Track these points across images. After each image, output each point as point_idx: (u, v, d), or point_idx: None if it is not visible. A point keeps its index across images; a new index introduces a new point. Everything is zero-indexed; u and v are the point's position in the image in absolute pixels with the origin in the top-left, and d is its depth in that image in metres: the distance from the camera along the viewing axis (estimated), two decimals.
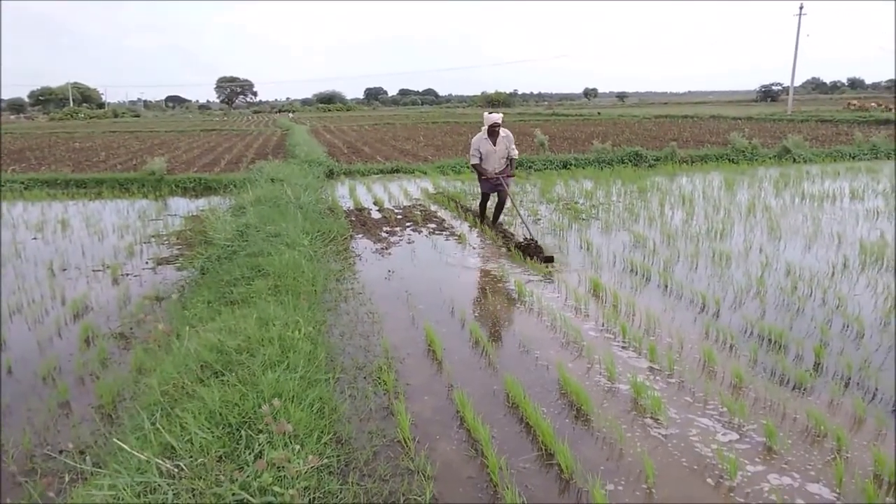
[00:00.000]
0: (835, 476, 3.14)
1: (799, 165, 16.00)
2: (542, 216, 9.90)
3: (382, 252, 7.93)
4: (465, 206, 10.83)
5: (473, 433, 3.59)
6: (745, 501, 3.02)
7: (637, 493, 3.11)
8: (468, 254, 7.81)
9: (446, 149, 21.58)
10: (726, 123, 34.31)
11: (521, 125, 36.33)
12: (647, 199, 11.05)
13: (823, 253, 7.32)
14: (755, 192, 11.66)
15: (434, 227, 9.30)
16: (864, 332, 5.00)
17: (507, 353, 4.81)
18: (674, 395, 4.10)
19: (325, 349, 4.64)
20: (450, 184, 13.67)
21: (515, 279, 6.49)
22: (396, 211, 10.70)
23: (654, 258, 7.28)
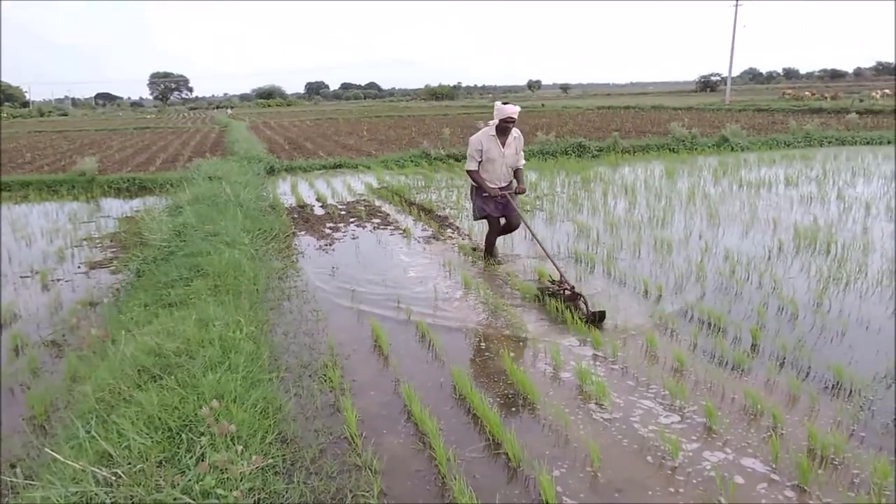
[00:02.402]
0: (771, 452, 3.23)
1: (737, 153, 16.49)
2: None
3: (326, 248, 7.82)
4: (410, 200, 10.79)
5: (421, 426, 3.57)
6: (686, 480, 3.09)
7: (582, 477, 3.14)
8: (413, 248, 7.78)
9: (390, 143, 21.47)
10: (667, 113, 35.15)
11: (465, 118, 36.47)
12: (591, 190, 11.22)
13: (760, 238, 7.55)
14: (695, 180, 11.96)
15: (379, 222, 9.23)
16: (798, 314, 5.18)
17: (454, 346, 4.80)
18: (617, 380, 4.17)
19: (269, 348, 4.55)
20: (394, 178, 13.59)
21: (462, 273, 6.49)
22: (340, 207, 10.58)
23: (597, 247, 7.39)
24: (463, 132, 24.47)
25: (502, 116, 6.35)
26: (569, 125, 26.58)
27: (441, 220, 9.17)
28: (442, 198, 11.03)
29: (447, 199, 10.92)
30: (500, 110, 6.38)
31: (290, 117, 49.57)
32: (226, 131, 31.74)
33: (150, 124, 44.17)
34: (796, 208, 9.15)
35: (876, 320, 5.01)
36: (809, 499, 2.93)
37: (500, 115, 6.36)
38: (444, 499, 3.01)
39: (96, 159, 15.67)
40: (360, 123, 35.91)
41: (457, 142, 19.96)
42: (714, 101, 47.86)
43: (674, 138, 18.18)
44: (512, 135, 6.57)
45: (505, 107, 6.35)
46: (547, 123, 27.55)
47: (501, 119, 6.37)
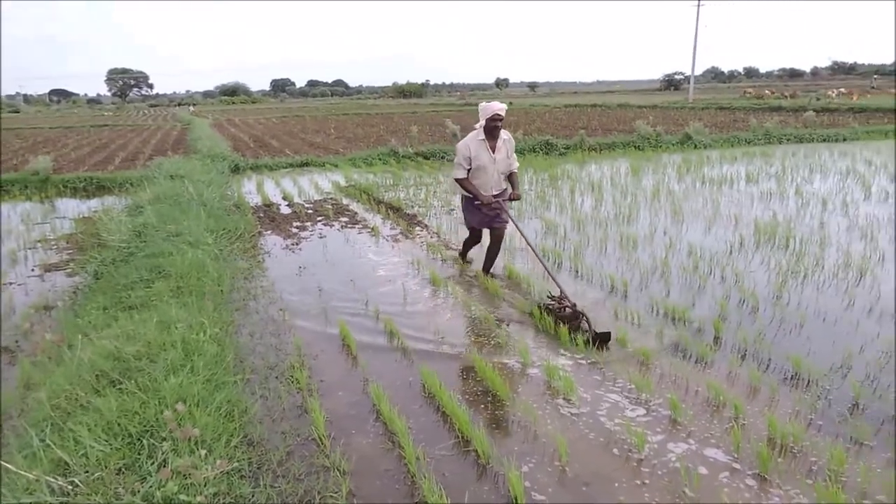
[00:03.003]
0: (733, 442, 3.29)
1: (700, 151, 16.76)
2: (456, 206, 9.93)
3: (293, 248, 7.75)
4: (378, 198, 10.75)
5: (390, 426, 3.56)
6: (652, 471, 3.13)
7: (550, 472, 3.16)
8: (382, 246, 7.74)
9: (358, 141, 21.35)
10: (632, 112, 35.58)
11: (434, 115, 36.46)
12: (558, 187, 11.30)
13: (722, 233, 7.68)
14: (660, 177, 12.12)
15: (346, 221, 9.17)
16: (758, 307, 5.28)
17: (423, 344, 4.79)
18: (584, 375, 4.21)
19: (234, 350, 4.49)
20: (362, 176, 13.52)
21: (431, 270, 6.48)
22: (307, 205, 10.48)
23: (565, 244, 7.44)
24: (431, 130, 24.45)
25: (488, 115, 5.80)
26: (536, 123, 26.73)
27: (410, 219, 9.15)
28: (410, 196, 11.01)
29: (415, 197, 10.90)
30: (486, 108, 5.84)
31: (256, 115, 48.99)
32: (188, 129, 31.24)
33: (108, 122, 43.21)
34: (756, 204, 9.33)
35: (832, 312, 5.13)
36: (770, 487, 2.99)
37: (486, 113, 5.82)
38: (413, 498, 3.00)
39: (51, 158, 15.24)
40: (328, 121, 35.64)
41: (425, 139, 19.94)
42: (678, 100, 48.61)
43: (639, 136, 18.41)
44: (501, 137, 6.01)
45: (490, 104, 5.84)
46: (515, 121, 27.66)
47: (488, 118, 5.81)
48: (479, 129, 5.94)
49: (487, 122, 5.83)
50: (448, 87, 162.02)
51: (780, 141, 18.58)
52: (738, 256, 6.70)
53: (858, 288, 5.65)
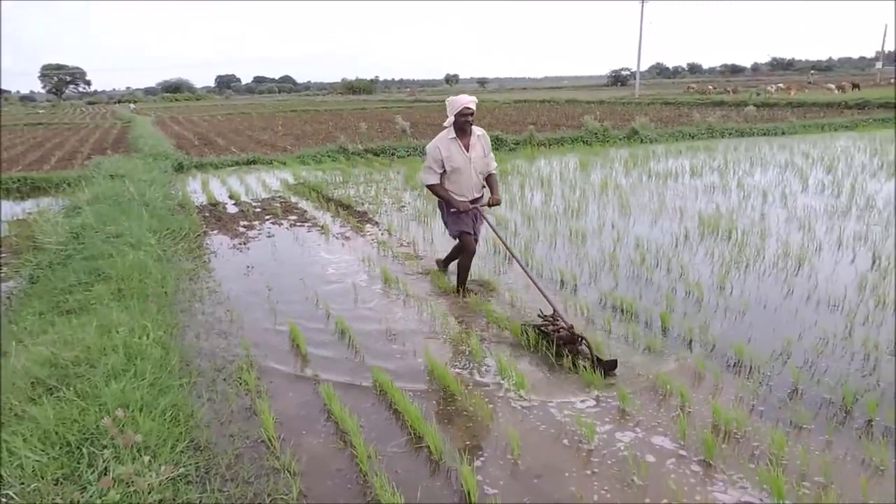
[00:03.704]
0: (679, 430, 3.37)
1: (646, 145, 17.08)
2: (407, 203, 9.91)
3: (240, 247, 7.60)
4: (327, 195, 10.63)
5: (341, 425, 3.52)
6: (601, 461, 3.18)
7: (503, 465, 3.18)
8: (332, 244, 7.66)
9: (306, 138, 21.10)
10: (580, 107, 36.05)
11: (384, 112, 36.29)
12: (508, 182, 11.36)
13: (668, 226, 7.85)
14: (607, 171, 12.30)
15: (295, 219, 9.04)
16: (703, 297, 5.41)
17: (374, 343, 4.76)
18: (535, 368, 4.24)
19: (179, 353, 4.38)
20: (311, 174, 13.36)
21: (382, 267, 6.44)
22: (255, 204, 10.30)
23: (515, 239, 7.49)
24: (381, 126, 24.34)
25: (457, 109, 5.20)
26: (486, 119, 26.84)
27: (360, 216, 9.08)
28: (360, 193, 10.92)
29: (366, 194, 10.82)
30: (454, 102, 5.25)
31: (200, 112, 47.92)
32: (129, 127, 30.37)
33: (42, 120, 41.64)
34: (701, 197, 9.56)
35: (772, 301, 5.30)
36: (714, 472, 3.07)
37: (455, 107, 5.22)
38: (366, 496, 2.97)
39: None
40: (275, 118, 35.13)
41: (375, 136, 19.84)
42: (625, 95, 49.51)
43: (587, 131, 18.66)
44: (475, 133, 5.41)
45: (458, 98, 5.26)
46: None
47: (457, 113, 5.21)
48: (449, 126, 5.33)
49: (457, 117, 5.23)
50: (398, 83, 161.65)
51: (722, 135, 19.08)
52: (683, 248, 6.85)
53: (797, 277, 5.83)
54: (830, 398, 3.71)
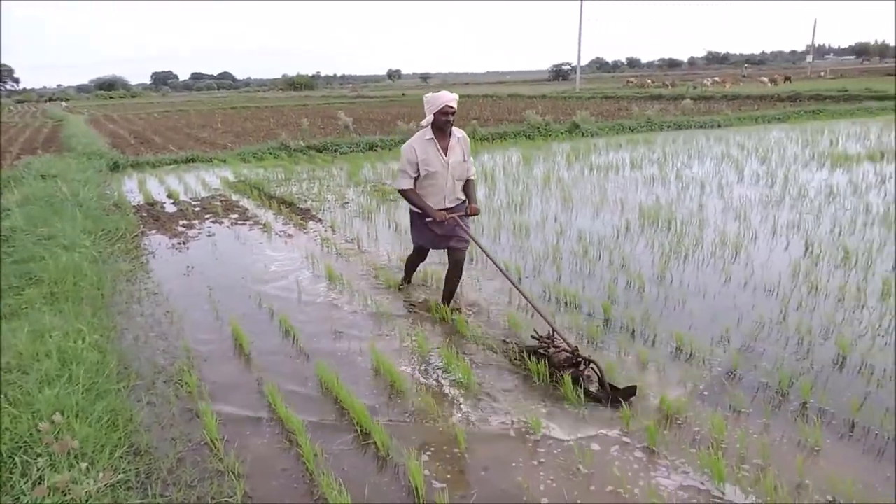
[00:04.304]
0: (623, 419, 3.44)
1: (587, 139, 17.35)
2: (351, 199, 9.82)
3: (180, 247, 7.40)
4: (270, 193, 10.45)
5: (286, 424, 3.46)
6: (548, 451, 3.22)
7: (450, 458, 3.18)
8: (275, 242, 7.54)
9: (247, 135, 20.70)
10: (523, 102, 36.39)
11: (326, 108, 35.88)
12: None
13: (609, 218, 7.99)
14: (550, 165, 12.45)
15: (237, 218, 8.86)
16: (644, 287, 5.53)
17: (319, 340, 4.70)
18: (481, 361, 4.26)
19: (117, 356, 4.24)
20: (252, 171, 13.11)
21: (326, 264, 6.37)
22: (194, 203, 10.04)
23: None
24: (323, 123, 24.07)
25: (437, 107, 4.64)
26: None
27: (303, 213, 8.96)
28: (303, 190, 10.78)
29: (308, 191, 10.69)
30: (433, 100, 4.69)
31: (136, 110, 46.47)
32: (61, 126, 29.23)
33: None
34: (641, 189, 9.77)
35: (711, 288, 5.46)
36: (657, 458, 3.14)
37: (434, 105, 4.66)
38: (313, 495, 2.94)
39: None
40: (214, 115, 34.35)
41: (317, 132, 19.61)
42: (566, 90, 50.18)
43: (529, 125, 18.84)
44: (455, 135, 4.89)
45: (439, 94, 4.70)
46: (408, 113, 27.65)
47: (437, 112, 4.66)
48: (427, 126, 4.81)
49: (437, 115, 4.68)
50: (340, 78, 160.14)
51: (661, 128, 19.54)
52: (624, 240, 6.99)
53: (734, 265, 6.02)
54: (767, 382, 3.84)
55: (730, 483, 2.91)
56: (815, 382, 3.78)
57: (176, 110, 42.27)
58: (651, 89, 44.02)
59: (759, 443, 3.20)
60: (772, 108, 23.77)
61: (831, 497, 2.80)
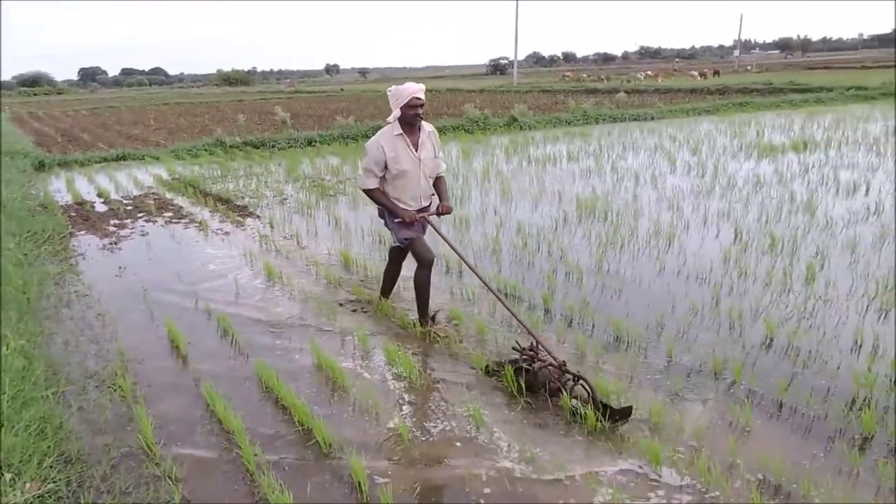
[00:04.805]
0: (563, 407, 3.50)
1: (525, 132, 17.53)
2: (289, 195, 9.67)
3: (111, 247, 7.14)
4: (205, 190, 10.19)
5: (226, 425, 3.39)
6: (489, 441, 3.25)
7: (393, 454, 3.18)
8: (212, 240, 7.36)
9: (181, 132, 20.14)
10: (462, 96, 36.46)
11: (262, 104, 35.22)
12: None
13: (548, 210, 8.10)
14: (489, 158, 12.53)
15: (171, 216, 8.61)
16: (582, 277, 5.63)
17: (258, 338, 4.62)
18: (425, 355, 4.27)
19: (45, 362, 4.07)
20: (187, 169, 12.75)
21: (265, 261, 6.25)
22: (126, 202, 9.71)
23: None
24: (260, 118, 23.62)
25: (404, 100, 4.30)
26: (368, 109, 26.64)
27: (241, 210, 8.78)
28: (240, 187, 10.56)
29: (246, 187, 10.48)
30: (400, 92, 4.34)
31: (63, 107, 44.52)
32: None
33: None
34: (578, 181, 9.94)
35: (646, 277, 5.60)
36: (597, 442, 3.21)
37: (401, 98, 4.31)
38: (254, 496, 2.89)
39: None
40: (146, 112, 33.24)
41: (254, 128, 19.24)
42: (504, 84, 50.61)
43: (468, 119, 18.91)
44: (424, 130, 4.55)
45: (405, 86, 4.37)
46: (347, 108, 27.48)
47: (404, 105, 4.32)
48: (394, 121, 4.46)
49: (404, 109, 4.34)
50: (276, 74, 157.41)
51: (596, 121, 19.89)
52: (562, 231, 7.10)
53: (668, 254, 6.19)
54: (701, 365, 3.97)
55: (666, 466, 2.99)
56: (745, 364, 3.93)
57: (106, 107, 40.70)
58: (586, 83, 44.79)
59: (693, 425, 3.30)
60: (702, 101, 24.50)
61: (761, 475, 2.92)
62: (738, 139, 13.85)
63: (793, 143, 12.76)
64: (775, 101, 23.55)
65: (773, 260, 5.83)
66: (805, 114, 19.36)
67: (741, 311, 4.71)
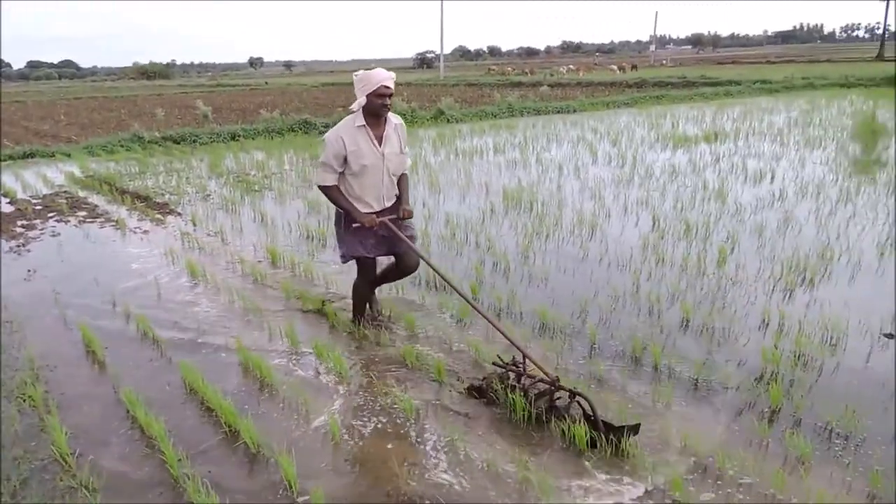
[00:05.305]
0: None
1: (452, 125, 17.61)
2: (213, 191, 9.41)
3: (19, 250, 6.77)
4: (122, 188, 9.79)
5: (147, 431, 3.28)
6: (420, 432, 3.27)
7: (324, 452, 3.16)
8: (129, 240, 7.08)
9: (95, 127, 19.27)
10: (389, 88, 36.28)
11: (183, 97, 34.08)
12: None
13: (475, 202, 8.17)
14: (417, 151, 12.51)
15: (85, 215, 8.23)
16: (509, 267, 5.72)
17: (181, 340, 4.48)
18: (354, 351, 4.24)
19: None
20: (102, 165, 12.22)
21: (187, 258, 6.07)
22: (35, 201, 9.21)
23: (328, 223, 7.40)
24: (181, 112, 22.87)
25: (372, 87, 3.86)
26: (294, 103, 26.18)
27: (161, 208, 8.48)
28: (160, 183, 10.21)
29: (166, 184, 10.13)
30: (367, 79, 3.89)
31: None
32: None
33: None
34: (504, 173, 10.06)
35: (571, 265, 5.73)
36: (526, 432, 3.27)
37: (369, 85, 3.87)
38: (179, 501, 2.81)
39: None
40: (56, 106, 31.61)
41: (174, 123, 18.62)
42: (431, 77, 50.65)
43: (395, 112, 18.84)
44: (390, 122, 4.11)
45: (374, 73, 3.89)
46: (272, 101, 26.90)
47: (371, 93, 3.88)
48: (358, 111, 4.02)
49: (371, 97, 3.90)
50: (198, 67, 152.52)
51: (521, 113, 20.18)
52: (489, 222, 7.18)
53: (591, 242, 6.35)
54: (623, 349, 4.11)
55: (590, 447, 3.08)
56: (664, 345, 4.09)
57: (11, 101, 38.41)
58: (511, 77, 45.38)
59: (617, 406, 3.41)
60: (621, 94, 25.21)
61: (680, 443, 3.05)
62: (655, 130, 14.34)
63: (705, 133, 13.31)
64: (689, 93, 24.47)
65: (688, 245, 6.07)
66: (716, 106, 20.20)
67: (659, 295, 4.89)
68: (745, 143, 12.11)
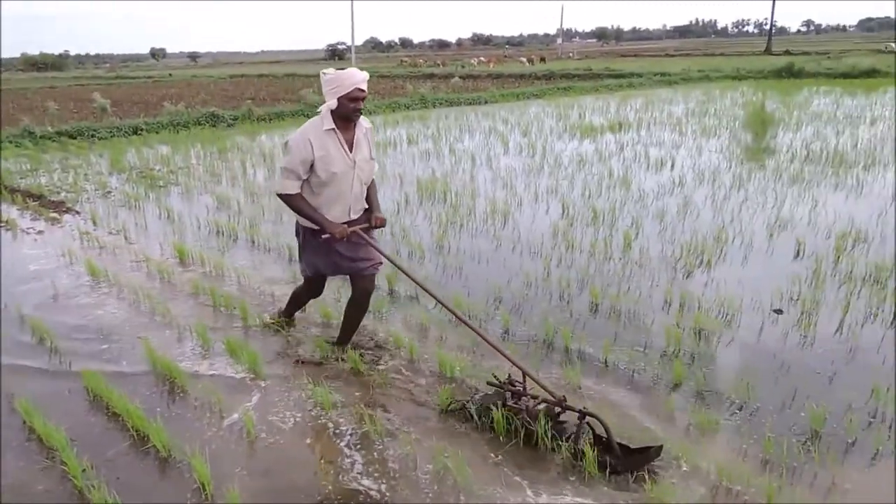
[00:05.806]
0: None
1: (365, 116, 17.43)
2: (114, 188, 8.99)
3: None
4: (12, 186, 9.20)
5: (47, 441, 3.12)
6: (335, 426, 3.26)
7: (236, 451, 3.11)
8: (22, 241, 6.68)
9: None
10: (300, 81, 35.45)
11: (78, 90, 32.30)
12: (229, 160, 10.92)
13: (390, 193, 8.15)
14: None
15: None
16: (424, 256, 5.76)
17: (82, 344, 4.27)
18: (268, 346, 4.17)
19: None
20: None
21: (87, 258, 5.78)
22: None
23: (239, 217, 7.23)
24: (76, 106, 21.65)
25: (346, 90, 3.53)
26: (200, 95, 25.24)
27: (56, 206, 8.02)
28: (55, 181, 9.66)
29: (62, 181, 9.59)
30: (340, 80, 3.55)
31: None
32: None
33: None
34: (418, 163, 10.10)
35: (484, 254, 5.83)
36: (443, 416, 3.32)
37: (342, 87, 3.54)
38: None
39: None
40: None
41: (69, 117, 17.61)
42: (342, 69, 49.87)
43: (307, 105, 18.58)
44: (361, 127, 3.81)
45: (347, 73, 3.57)
46: (176, 94, 25.91)
47: (344, 95, 3.54)
48: (326, 113, 3.66)
49: (343, 100, 3.56)
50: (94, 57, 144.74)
51: (434, 105, 20.26)
52: (405, 213, 7.20)
53: (504, 230, 6.48)
54: (535, 333, 4.22)
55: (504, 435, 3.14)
56: (574, 328, 4.24)
57: None
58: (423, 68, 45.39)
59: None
60: (530, 86, 25.71)
61: None
62: (563, 121, 14.73)
63: (610, 124, 13.79)
64: (594, 85, 25.26)
65: (595, 231, 6.29)
66: (619, 97, 20.94)
67: (569, 280, 5.05)
68: (648, 132, 12.63)
